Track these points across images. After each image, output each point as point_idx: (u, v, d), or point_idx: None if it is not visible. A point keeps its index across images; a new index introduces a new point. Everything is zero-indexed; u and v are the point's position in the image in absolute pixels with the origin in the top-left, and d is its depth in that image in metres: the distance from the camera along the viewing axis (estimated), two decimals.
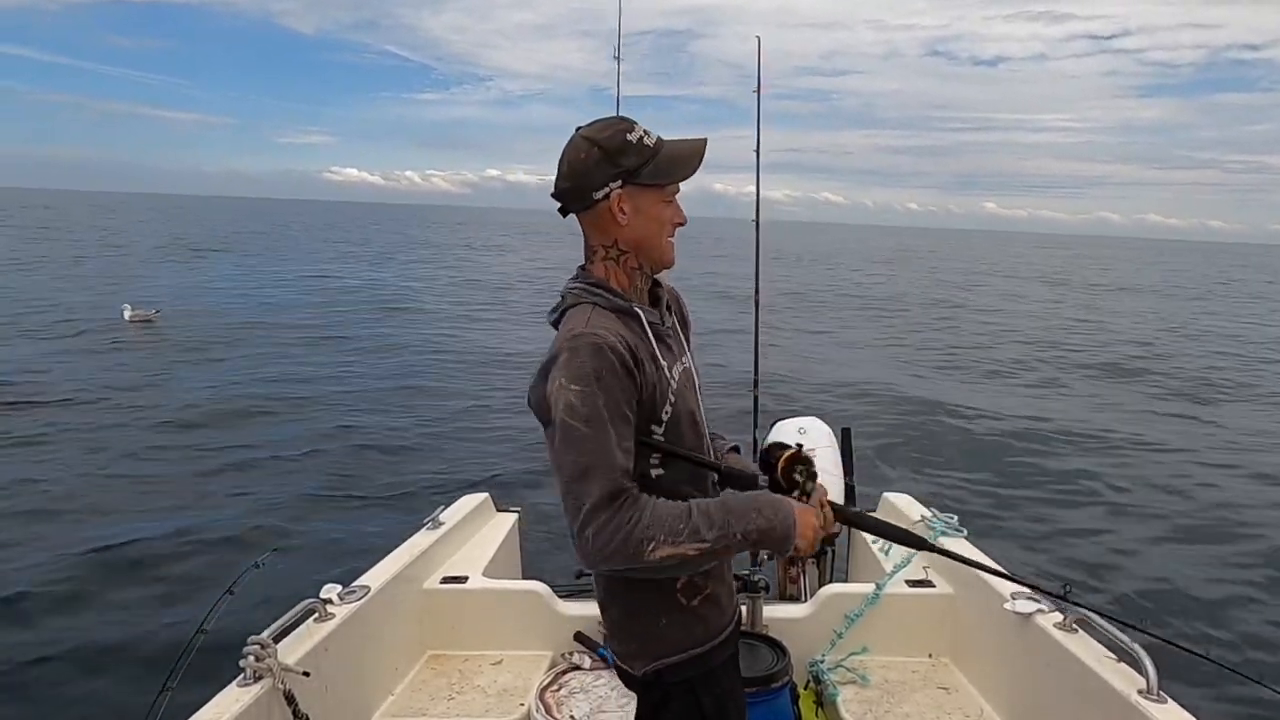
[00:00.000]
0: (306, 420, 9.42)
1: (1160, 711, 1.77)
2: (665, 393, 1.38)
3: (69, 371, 10.95)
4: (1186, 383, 12.45)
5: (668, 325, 1.48)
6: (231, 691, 1.90)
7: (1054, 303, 25.81)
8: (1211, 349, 16.72)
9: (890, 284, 30.96)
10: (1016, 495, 6.68)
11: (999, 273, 42.70)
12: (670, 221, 1.44)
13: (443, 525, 3.07)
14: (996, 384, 11.96)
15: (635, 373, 1.31)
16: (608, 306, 1.38)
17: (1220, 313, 25.59)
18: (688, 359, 1.53)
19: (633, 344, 1.33)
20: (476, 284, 24.84)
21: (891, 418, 8.84)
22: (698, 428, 1.48)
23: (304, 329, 15.64)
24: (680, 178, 1.43)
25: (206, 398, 10.21)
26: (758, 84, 3.64)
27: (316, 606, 2.28)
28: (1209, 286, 39.15)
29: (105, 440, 8.61)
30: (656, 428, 1.38)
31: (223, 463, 7.77)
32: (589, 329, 1.31)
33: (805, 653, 2.62)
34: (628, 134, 1.37)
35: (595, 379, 1.26)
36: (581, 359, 1.27)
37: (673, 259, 1.47)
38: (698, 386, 1.55)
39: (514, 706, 2.45)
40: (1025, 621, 2.26)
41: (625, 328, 1.36)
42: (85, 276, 22.49)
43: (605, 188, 1.37)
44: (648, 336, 1.39)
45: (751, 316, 3.85)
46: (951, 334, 16.75)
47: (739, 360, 8.34)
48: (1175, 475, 7.41)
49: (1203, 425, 9.76)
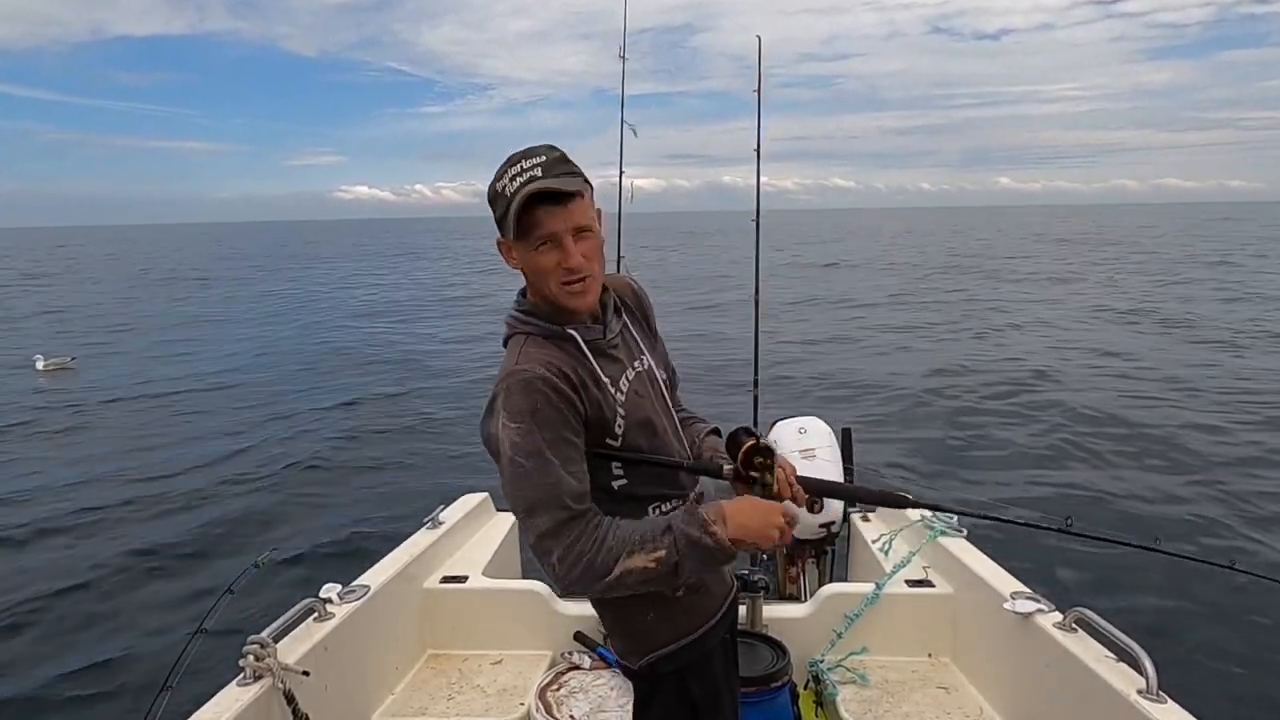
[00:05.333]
0: (307, 420, 9.43)
1: (1160, 711, 1.77)
2: (613, 407, 1.38)
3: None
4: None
5: (612, 336, 1.44)
6: (231, 691, 1.90)
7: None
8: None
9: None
10: (1018, 494, 6.67)
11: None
12: (555, 268, 1.31)
13: (442, 525, 3.07)
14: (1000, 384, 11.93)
15: (574, 397, 1.31)
16: (540, 334, 1.37)
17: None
18: (644, 360, 1.50)
19: (570, 368, 1.33)
20: (469, 297, 24.77)
21: (892, 417, 8.84)
22: (656, 431, 1.45)
23: (306, 336, 15.66)
24: (530, 235, 1.30)
25: (209, 384, 10.22)
26: (758, 84, 3.65)
27: (316, 606, 2.28)
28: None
29: (105, 441, 8.63)
30: (613, 440, 1.38)
31: (223, 462, 7.78)
32: (519, 365, 1.31)
33: (805, 652, 2.62)
34: (497, 181, 1.31)
35: (530, 414, 1.27)
36: (515, 397, 1.29)
37: (572, 302, 1.35)
38: (661, 382, 1.53)
39: (514, 706, 2.45)
40: (1025, 621, 2.26)
41: (562, 351, 1.35)
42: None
43: (499, 234, 1.36)
44: (587, 356, 1.37)
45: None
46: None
47: (739, 360, 8.35)
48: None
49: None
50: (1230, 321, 14.92)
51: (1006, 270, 27.59)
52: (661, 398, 1.52)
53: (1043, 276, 24.85)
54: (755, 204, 3.81)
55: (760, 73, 3.63)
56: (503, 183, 1.30)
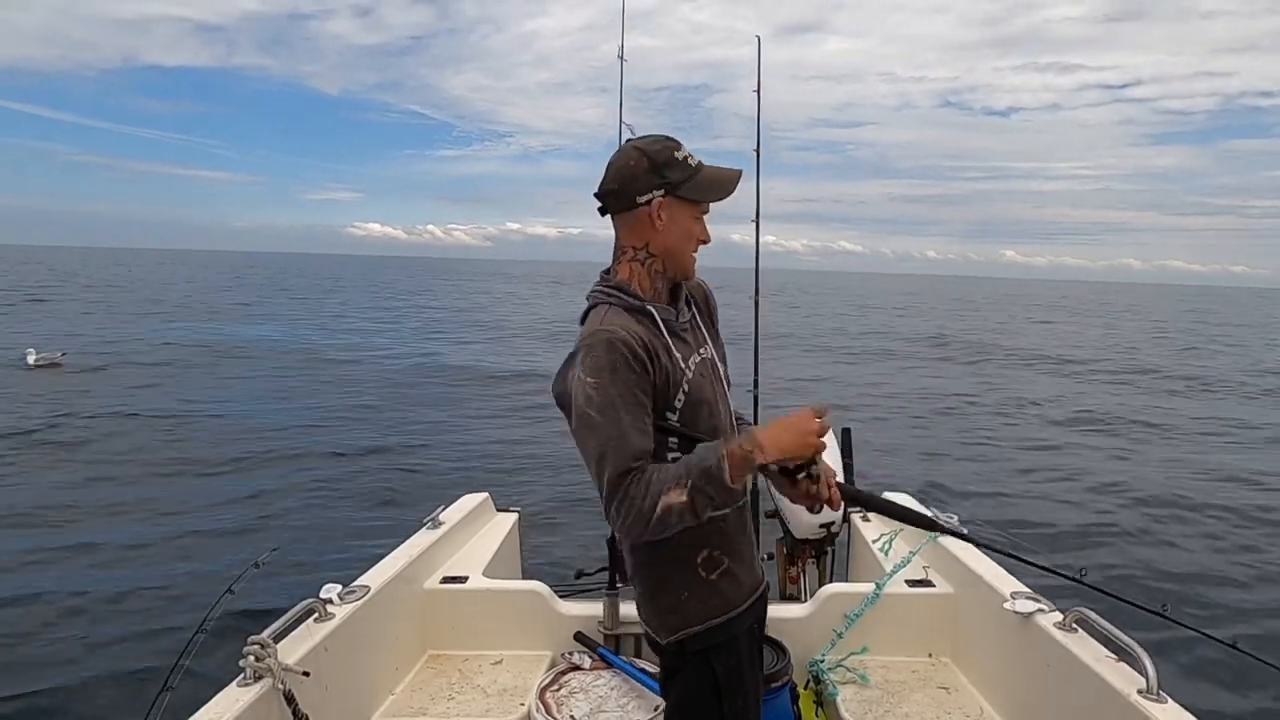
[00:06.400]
0: (308, 421, 9.43)
1: (1160, 711, 1.77)
2: (679, 381, 1.49)
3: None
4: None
5: (684, 320, 1.59)
6: (231, 691, 1.90)
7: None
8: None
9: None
10: (1018, 494, 6.67)
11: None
12: (697, 236, 1.56)
13: (443, 525, 3.07)
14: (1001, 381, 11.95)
15: (648, 363, 1.43)
16: (623, 306, 1.50)
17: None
18: (708, 349, 1.63)
19: (646, 338, 1.44)
20: (479, 321, 24.78)
21: (892, 416, 8.84)
22: (715, 413, 1.56)
23: (310, 348, 15.65)
24: (714, 198, 1.56)
25: (216, 405, 10.22)
26: (758, 84, 3.64)
27: (316, 606, 2.28)
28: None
29: (106, 442, 8.62)
30: (671, 414, 1.48)
31: (223, 463, 7.78)
32: (603, 326, 1.43)
33: (805, 652, 2.62)
34: (675, 151, 1.51)
35: (610, 371, 1.39)
36: (597, 354, 1.40)
37: (694, 270, 1.60)
38: (723, 374, 1.66)
39: (514, 706, 2.45)
40: (1025, 621, 2.26)
41: (639, 324, 1.47)
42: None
43: (649, 194, 1.50)
44: (661, 332, 1.50)
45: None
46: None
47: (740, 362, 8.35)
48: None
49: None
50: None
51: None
52: (721, 386, 1.64)
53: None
54: (755, 205, 3.80)
55: (760, 71, 3.62)
56: (683, 153, 1.52)
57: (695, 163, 1.53)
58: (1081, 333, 31.14)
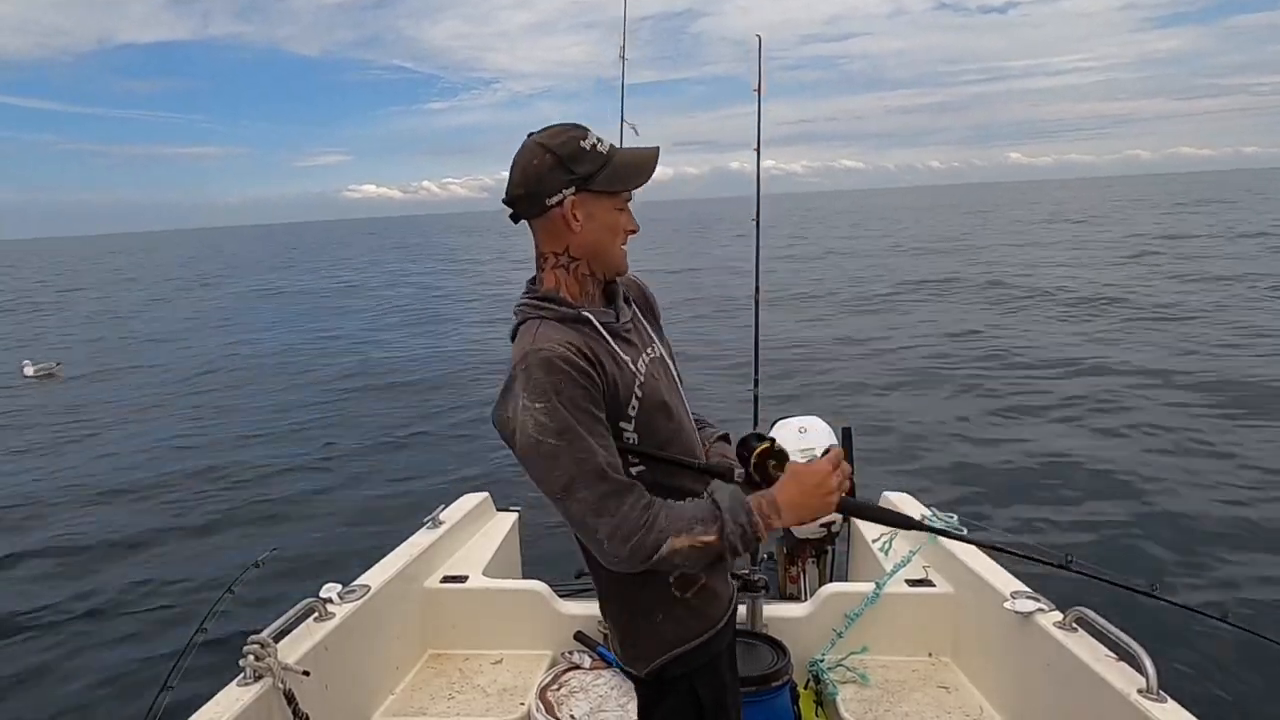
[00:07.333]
0: (308, 420, 9.43)
1: (1160, 711, 1.77)
2: (630, 386, 1.37)
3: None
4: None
5: (625, 321, 1.46)
6: (231, 691, 1.90)
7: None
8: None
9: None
10: (1019, 494, 6.66)
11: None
12: (623, 229, 1.43)
13: (443, 525, 3.07)
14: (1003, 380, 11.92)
15: (593, 373, 1.31)
16: (555, 318, 1.37)
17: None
18: (655, 347, 1.52)
19: (586, 347, 1.32)
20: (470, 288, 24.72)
21: (893, 416, 8.83)
22: (673, 415, 1.45)
23: (307, 339, 15.65)
24: (633, 185, 1.42)
25: (207, 382, 10.22)
26: (758, 83, 3.64)
27: (316, 606, 2.28)
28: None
29: (108, 437, 8.62)
30: (626, 424, 1.37)
31: (224, 462, 7.78)
32: (535, 345, 1.30)
33: (805, 652, 2.62)
34: (581, 140, 1.36)
35: (555, 392, 1.26)
36: (536, 377, 1.27)
37: (625, 265, 1.47)
38: (675, 373, 1.55)
39: (514, 706, 2.45)
40: (1025, 621, 2.26)
41: (576, 334, 1.35)
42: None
43: (559, 194, 1.35)
44: (604, 337, 1.38)
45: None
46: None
47: (739, 356, 8.34)
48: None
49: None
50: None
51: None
52: (675, 384, 1.53)
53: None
54: (755, 203, 3.80)
55: (760, 70, 3.62)
56: (590, 140, 1.37)
57: (606, 148, 1.38)
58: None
